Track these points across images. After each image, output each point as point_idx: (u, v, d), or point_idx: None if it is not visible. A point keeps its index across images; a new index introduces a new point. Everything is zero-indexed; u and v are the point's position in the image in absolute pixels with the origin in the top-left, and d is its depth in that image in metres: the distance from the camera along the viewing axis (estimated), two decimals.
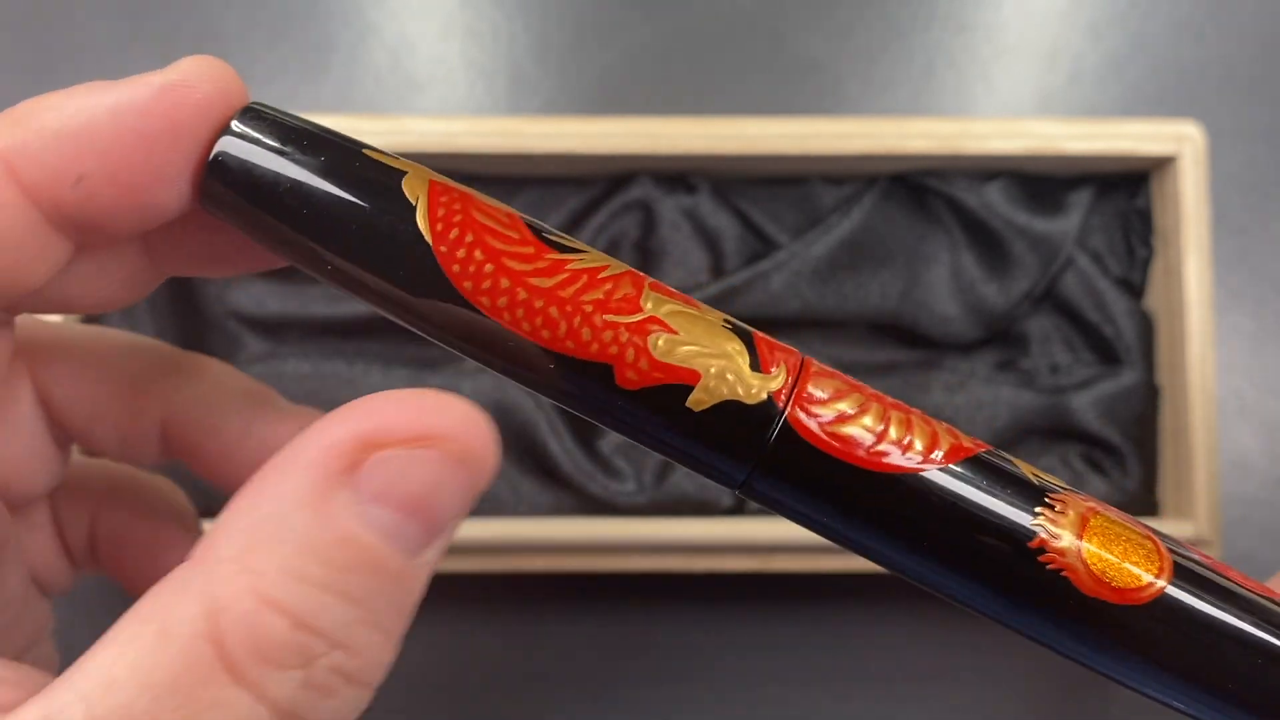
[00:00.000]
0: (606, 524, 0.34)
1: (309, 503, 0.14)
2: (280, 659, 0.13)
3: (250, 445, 0.20)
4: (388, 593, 0.14)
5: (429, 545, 0.14)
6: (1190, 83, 0.41)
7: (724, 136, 0.35)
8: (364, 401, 0.14)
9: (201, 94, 0.15)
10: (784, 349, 0.16)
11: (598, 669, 0.38)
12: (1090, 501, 0.16)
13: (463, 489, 0.14)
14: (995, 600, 0.16)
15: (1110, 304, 0.37)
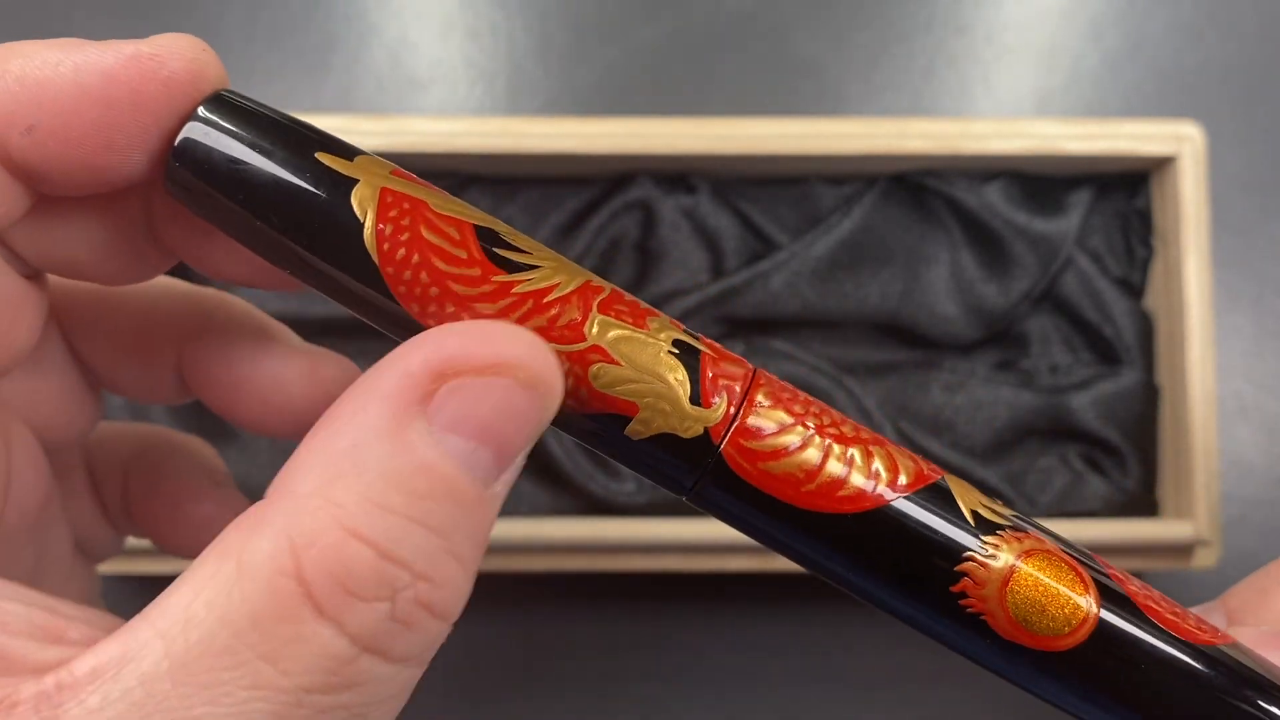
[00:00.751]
0: (606, 524, 0.34)
1: (387, 433, 0.14)
2: (365, 590, 0.13)
3: (258, 379, 0.19)
4: (466, 522, 0.14)
5: (502, 473, 0.14)
6: (1190, 83, 0.41)
7: (724, 136, 0.35)
8: (434, 332, 0.14)
9: (169, 71, 0.15)
10: (732, 373, 0.16)
11: (598, 669, 0.38)
12: (1028, 542, 0.16)
13: (532, 415, 0.14)
14: (923, 625, 0.17)
15: (1110, 304, 0.37)
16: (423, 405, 0.14)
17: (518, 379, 0.14)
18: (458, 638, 0.38)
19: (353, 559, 0.13)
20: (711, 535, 0.34)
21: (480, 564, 0.15)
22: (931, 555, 0.16)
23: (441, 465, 0.14)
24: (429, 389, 0.14)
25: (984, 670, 0.18)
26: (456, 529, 0.14)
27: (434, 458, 0.14)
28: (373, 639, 0.14)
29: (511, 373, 0.14)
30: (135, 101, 0.15)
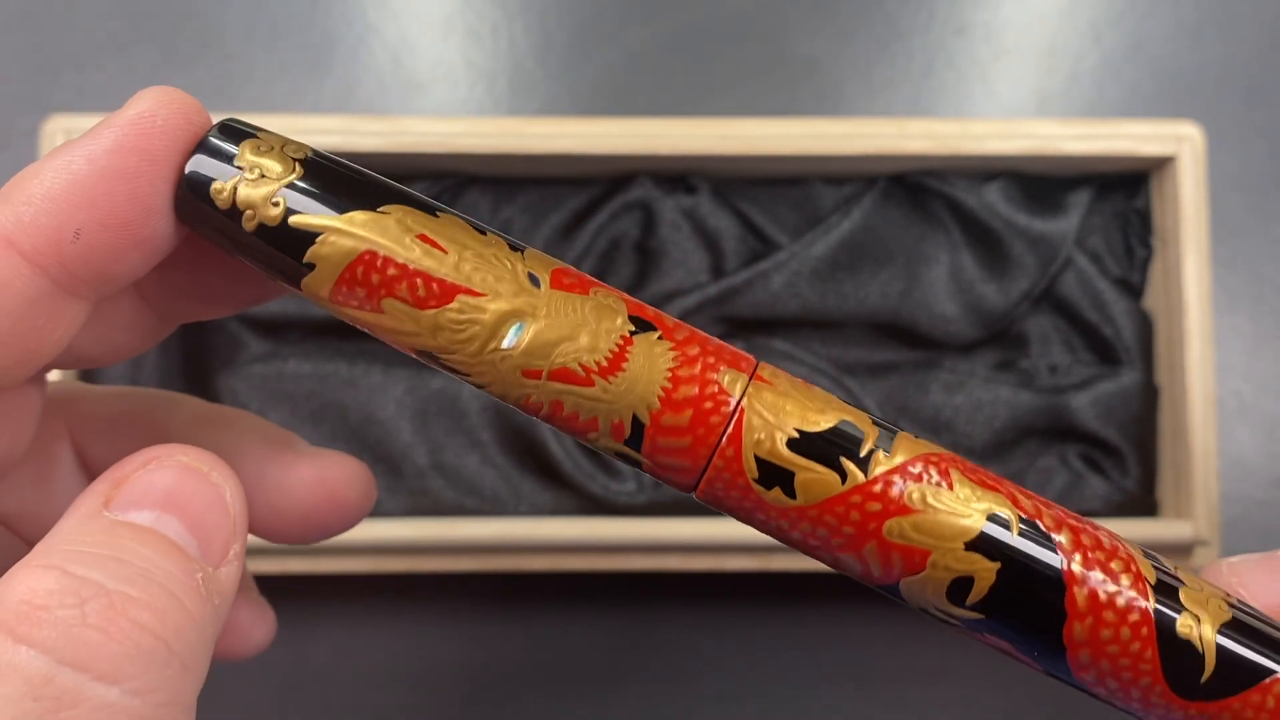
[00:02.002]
0: (606, 524, 0.34)
1: (88, 515, 0.16)
2: (50, 601, 0.14)
3: (267, 489, 0.20)
4: (162, 561, 0.15)
5: (194, 535, 0.16)
6: (1189, 83, 0.41)
7: (724, 136, 0.35)
8: (138, 454, 0.17)
9: (163, 119, 0.16)
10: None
11: (598, 669, 0.38)
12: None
13: (202, 488, 0.16)
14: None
15: (1109, 304, 0.37)
16: (113, 494, 0.16)
17: (178, 464, 0.17)
18: (458, 638, 0.38)
19: (39, 581, 0.14)
20: (711, 535, 0.34)
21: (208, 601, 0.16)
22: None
23: (132, 523, 0.16)
24: (120, 484, 0.16)
25: (984, 670, 0.18)
26: (151, 564, 0.15)
27: (124, 520, 0.16)
28: (67, 648, 0.14)
29: (171, 462, 0.17)
30: (151, 159, 0.16)
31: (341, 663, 0.38)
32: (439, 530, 0.34)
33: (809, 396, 0.16)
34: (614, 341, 0.16)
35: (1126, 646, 0.16)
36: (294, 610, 0.38)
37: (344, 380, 0.36)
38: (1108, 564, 0.16)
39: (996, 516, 0.16)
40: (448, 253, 0.16)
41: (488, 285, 0.16)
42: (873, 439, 0.16)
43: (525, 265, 0.16)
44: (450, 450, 0.36)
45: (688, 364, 0.16)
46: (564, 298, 0.16)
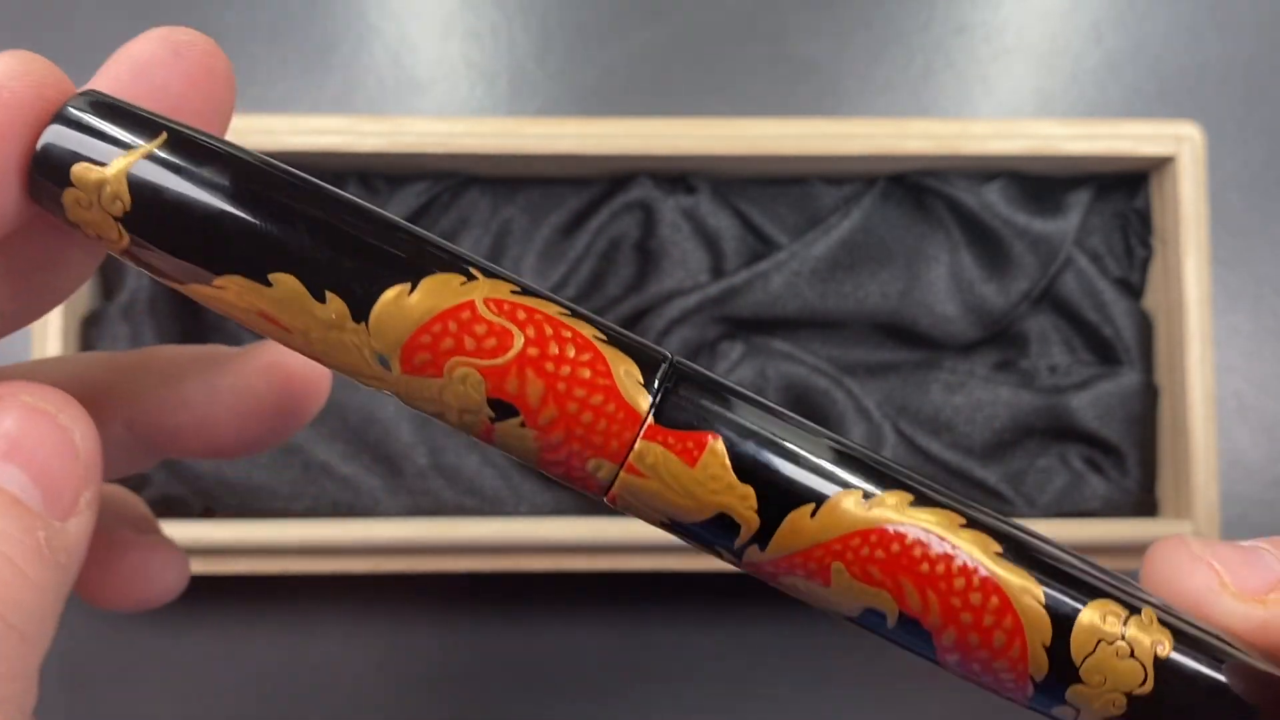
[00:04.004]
0: (607, 524, 0.34)
1: None
2: None
3: (221, 399, 0.19)
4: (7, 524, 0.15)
5: (38, 485, 0.15)
6: (1189, 83, 0.41)
7: (724, 136, 0.35)
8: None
9: (10, 93, 0.15)
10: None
11: (598, 669, 0.38)
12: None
13: (49, 432, 0.15)
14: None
15: (1109, 304, 0.37)
16: None
17: (23, 404, 0.15)
18: (458, 638, 0.38)
19: None
20: None
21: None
22: None
23: None
24: None
25: None
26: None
27: None
28: None
29: (12, 402, 0.16)
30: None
31: (341, 663, 0.38)
32: (439, 530, 0.34)
33: (689, 481, 0.15)
34: (478, 427, 0.15)
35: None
36: (294, 610, 0.38)
37: (344, 380, 0.36)
38: (982, 647, 0.15)
39: (872, 611, 0.16)
40: (292, 333, 0.15)
41: (342, 367, 0.15)
42: (750, 534, 0.15)
43: (373, 344, 0.15)
44: (450, 450, 0.36)
45: (552, 451, 0.15)
46: (418, 384, 0.15)
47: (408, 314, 0.15)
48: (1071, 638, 0.15)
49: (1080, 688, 0.15)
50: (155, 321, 0.36)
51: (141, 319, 0.36)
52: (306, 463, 0.36)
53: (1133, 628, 0.15)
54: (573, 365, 0.15)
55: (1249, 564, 0.16)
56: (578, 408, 0.15)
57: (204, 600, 0.38)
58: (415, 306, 0.15)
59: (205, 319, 0.37)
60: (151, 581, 0.19)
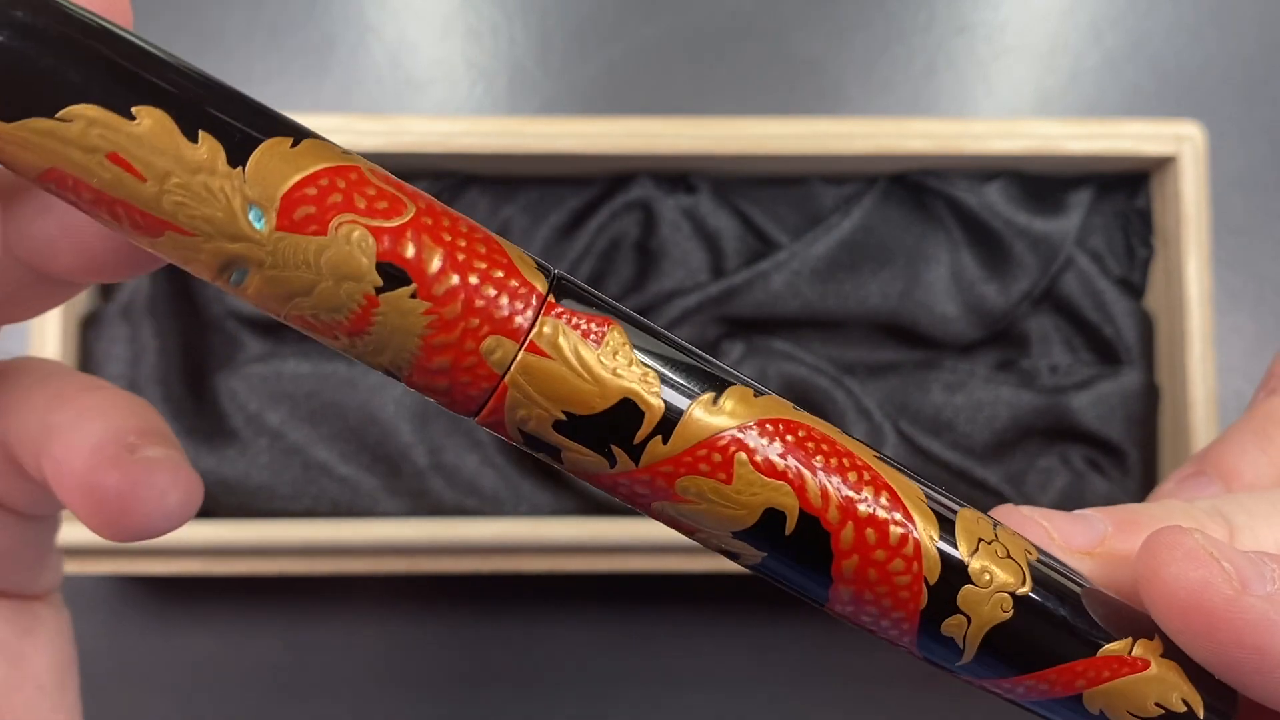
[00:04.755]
0: (606, 524, 0.34)
1: None
2: None
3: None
4: None
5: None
6: (1190, 83, 0.41)
7: (724, 136, 0.35)
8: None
9: None
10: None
11: (597, 669, 0.38)
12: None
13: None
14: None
15: (1110, 304, 0.37)
16: None
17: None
18: (458, 638, 0.38)
19: None
20: None
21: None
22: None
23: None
24: None
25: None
26: None
27: None
28: None
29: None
30: None
31: (341, 663, 0.38)
32: (438, 530, 0.34)
33: (593, 361, 0.14)
34: (357, 301, 0.14)
35: (890, 634, 0.16)
36: (294, 610, 0.38)
37: (343, 380, 0.36)
38: (884, 580, 0.15)
39: (774, 512, 0.15)
40: (146, 181, 0.13)
41: (196, 226, 0.13)
42: (651, 425, 0.14)
43: (247, 192, 0.13)
44: (450, 450, 0.36)
45: (444, 330, 0.14)
46: (293, 244, 0.13)
47: (292, 162, 0.13)
48: (956, 534, 0.15)
49: (970, 589, 0.15)
50: (154, 321, 0.36)
51: (140, 319, 0.36)
52: (306, 463, 0.36)
53: (1002, 535, 0.16)
54: (468, 239, 0.14)
55: (1076, 524, 0.18)
56: (478, 280, 0.14)
57: (204, 600, 0.38)
58: (300, 155, 0.13)
59: (205, 318, 0.37)
60: (148, 505, 0.17)
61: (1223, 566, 0.15)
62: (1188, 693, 0.16)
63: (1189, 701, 0.16)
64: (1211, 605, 0.15)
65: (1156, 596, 0.16)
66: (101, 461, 0.16)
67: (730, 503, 0.15)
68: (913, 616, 0.15)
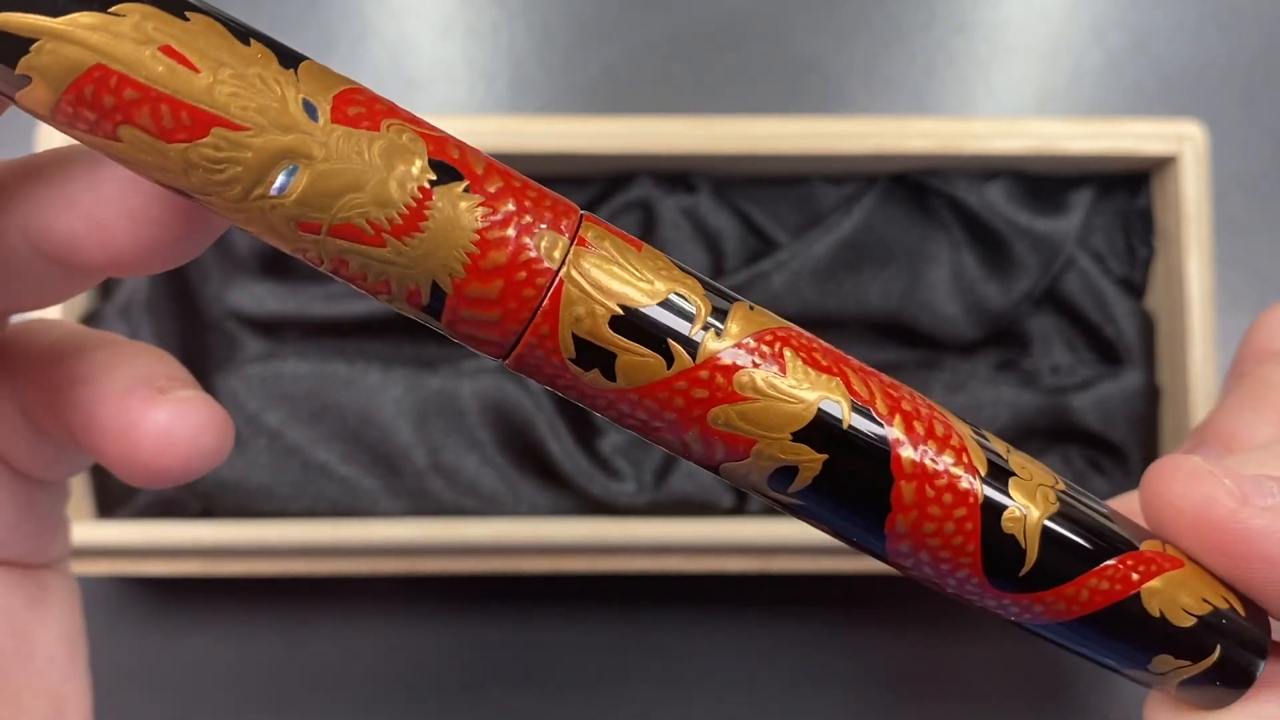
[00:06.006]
0: (606, 524, 0.34)
1: None
2: None
3: (107, 196, 0.16)
4: None
5: None
6: (1191, 82, 0.41)
7: (724, 136, 0.35)
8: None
9: None
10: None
11: (597, 670, 0.38)
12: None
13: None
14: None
15: (1111, 304, 0.37)
16: None
17: None
18: (457, 639, 0.38)
19: None
20: (712, 536, 0.34)
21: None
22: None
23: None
24: None
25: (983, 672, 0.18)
26: None
27: None
28: None
29: None
30: None
31: (341, 663, 0.38)
32: (438, 531, 0.34)
33: (638, 262, 0.14)
34: (410, 194, 0.13)
35: (949, 540, 0.15)
36: (294, 610, 0.38)
37: (342, 380, 0.36)
38: (939, 455, 0.15)
39: (828, 405, 0.15)
40: (199, 72, 0.13)
41: (249, 117, 0.13)
42: (704, 316, 0.14)
43: (300, 90, 0.13)
44: (449, 450, 0.36)
45: (499, 225, 0.14)
46: (347, 135, 0.13)
47: (336, 76, 0.14)
48: (987, 437, 0.16)
49: (1017, 480, 0.15)
50: (153, 321, 0.36)
51: (139, 319, 0.36)
52: (305, 463, 0.35)
53: (1017, 454, 0.16)
54: (504, 170, 0.14)
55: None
56: (521, 184, 0.14)
57: (203, 600, 0.38)
58: (342, 75, 0.14)
59: (204, 318, 0.37)
60: (184, 445, 0.17)
61: (1224, 483, 0.16)
62: (1226, 593, 0.16)
63: (1230, 601, 0.16)
64: (1218, 519, 0.16)
65: (1165, 517, 0.16)
66: (135, 403, 0.16)
67: (787, 396, 0.15)
68: (974, 514, 0.15)
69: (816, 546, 0.34)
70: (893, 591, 0.38)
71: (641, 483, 0.36)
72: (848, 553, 0.34)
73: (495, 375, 0.36)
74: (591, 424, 0.36)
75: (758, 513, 0.36)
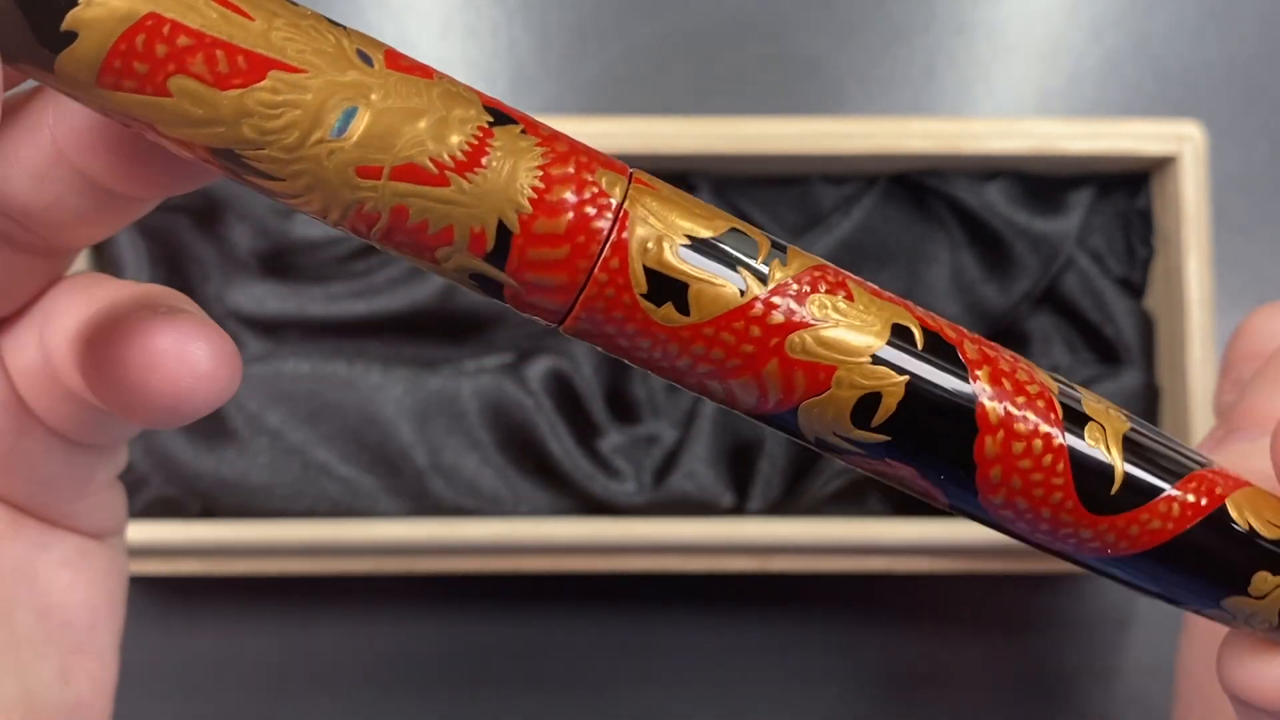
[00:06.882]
0: (606, 524, 0.34)
1: None
2: None
3: (41, 149, 0.16)
4: None
5: None
6: (1191, 82, 0.41)
7: (724, 136, 0.35)
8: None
9: None
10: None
11: (597, 670, 0.38)
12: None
13: None
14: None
15: (1111, 304, 0.37)
16: None
17: None
18: (457, 639, 0.38)
19: None
20: (711, 536, 0.34)
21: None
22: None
23: None
24: None
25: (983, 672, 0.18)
26: None
27: None
28: None
29: None
30: None
31: (341, 663, 0.38)
32: (438, 531, 0.34)
33: (693, 203, 0.14)
34: (471, 131, 0.13)
35: (1039, 460, 0.15)
36: (294, 610, 0.38)
37: (343, 380, 0.36)
38: (1014, 375, 0.15)
39: (900, 327, 0.15)
40: (254, 19, 0.13)
41: (306, 60, 0.13)
42: (766, 248, 0.14)
43: (352, 41, 0.13)
44: (449, 450, 0.36)
45: (560, 161, 0.14)
46: (404, 80, 0.13)
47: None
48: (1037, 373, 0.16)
49: (1090, 404, 0.15)
50: None
51: None
52: (305, 463, 0.36)
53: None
54: (552, 128, 0.15)
55: None
56: (569, 144, 0.14)
57: (203, 600, 0.38)
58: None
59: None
60: (179, 367, 0.15)
61: None
62: None
63: None
64: None
65: None
66: (143, 324, 0.15)
67: (859, 319, 0.14)
68: (1057, 422, 0.15)
69: (817, 546, 0.34)
70: (892, 591, 0.38)
71: (641, 482, 0.36)
72: (848, 553, 0.34)
73: (495, 375, 0.36)
74: (592, 423, 0.36)
75: (758, 513, 0.36)
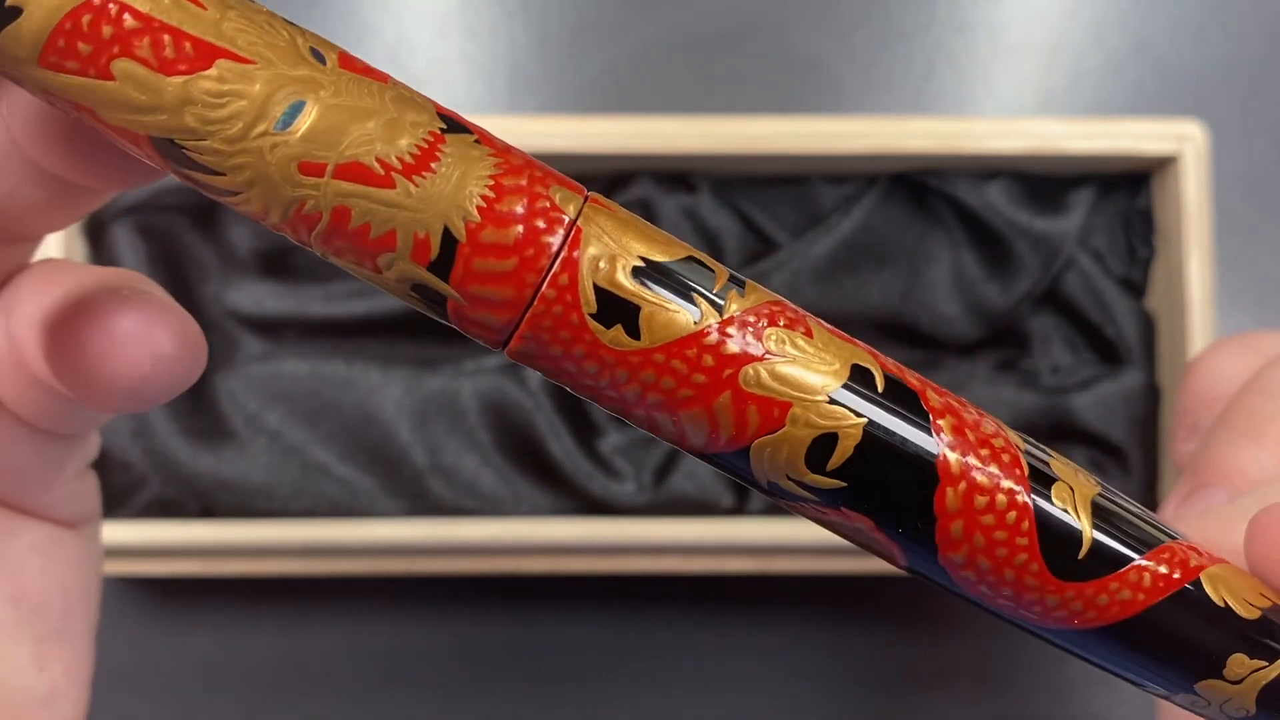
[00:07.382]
0: (606, 524, 0.34)
1: None
2: None
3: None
4: None
5: None
6: (1192, 82, 0.41)
7: (724, 136, 0.35)
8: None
9: None
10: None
11: (597, 670, 0.38)
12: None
13: None
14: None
15: (1112, 304, 0.37)
16: None
17: None
18: (457, 639, 0.38)
19: None
20: (711, 536, 0.34)
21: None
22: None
23: None
24: None
25: (986, 673, 0.18)
26: None
27: None
28: None
29: None
30: None
31: (341, 663, 0.38)
32: (437, 531, 0.34)
33: (651, 230, 0.14)
34: (422, 135, 0.13)
35: (1003, 516, 0.14)
36: (293, 610, 0.38)
37: (342, 380, 0.36)
38: (978, 428, 0.14)
39: (861, 369, 0.14)
40: (206, 9, 0.12)
41: (257, 52, 0.12)
42: (724, 279, 0.14)
43: (306, 40, 0.13)
44: (449, 450, 0.36)
45: (513, 173, 0.13)
46: (356, 80, 0.13)
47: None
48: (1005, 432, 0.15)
49: (1057, 462, 0.15)
50: None
51: None
52: (305, 463, 0.35)
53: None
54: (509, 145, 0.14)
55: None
56: (524, 158, 0.14)
57: (203, 600, 0.38)
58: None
59: (203, 319, 0.37)
60: (141, 350, 0.15)
61: None
62: (1267, 591, 0.16)
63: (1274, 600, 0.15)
64: None
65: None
66: (102, 307, 0.15)
67: (818, 356, 0.14)
68: (1023, 479, 0.14)
69: (817, 547, 0.34)
70: (893, 592, 0.38)
71: (641, 483, 0.36)
72: (847, 552, 0.34)
73: (495, 375, 0.36)
74: (592, 424, 0.36)
75: (758, 513, 0.36)
